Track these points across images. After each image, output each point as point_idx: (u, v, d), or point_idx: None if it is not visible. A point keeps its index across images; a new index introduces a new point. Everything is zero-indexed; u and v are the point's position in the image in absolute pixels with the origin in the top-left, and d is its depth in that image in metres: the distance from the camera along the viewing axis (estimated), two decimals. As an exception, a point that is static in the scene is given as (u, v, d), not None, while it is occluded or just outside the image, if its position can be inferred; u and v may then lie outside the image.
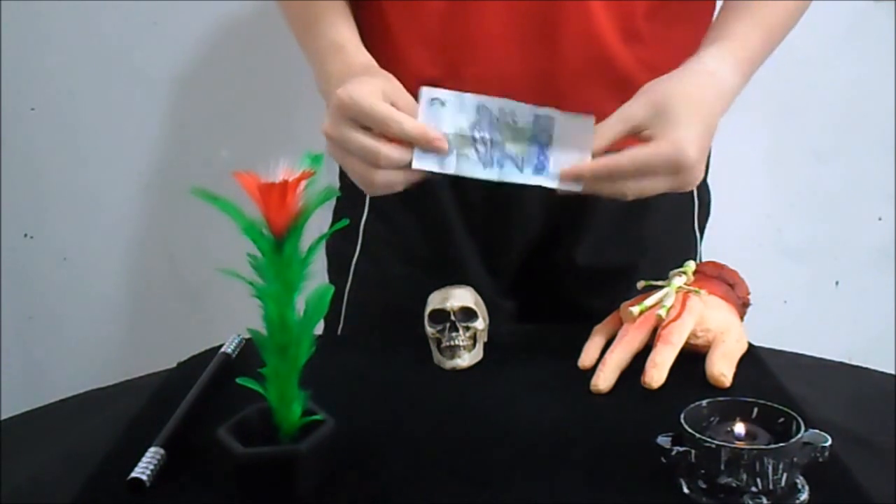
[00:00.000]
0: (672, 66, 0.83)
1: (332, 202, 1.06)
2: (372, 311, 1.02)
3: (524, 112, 0.77)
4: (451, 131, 0.77)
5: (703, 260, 1.07)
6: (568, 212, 0.98)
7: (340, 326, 1.04)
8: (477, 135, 0.77)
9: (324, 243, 1.03)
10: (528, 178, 0.78)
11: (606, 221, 0.99)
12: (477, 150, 0.77)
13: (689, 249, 1.05)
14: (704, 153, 0.77)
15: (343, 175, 1.04)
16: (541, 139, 0.77)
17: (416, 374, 0.82)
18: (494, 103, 0.77)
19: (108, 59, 1.44)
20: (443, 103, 0.76)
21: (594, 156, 0.77)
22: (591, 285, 1.00)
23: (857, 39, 1.45)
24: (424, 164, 0.77)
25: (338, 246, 1.04)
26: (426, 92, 0.77)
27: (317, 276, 0.61)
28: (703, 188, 1.06)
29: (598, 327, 0.85)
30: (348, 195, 1.04)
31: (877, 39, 1.45)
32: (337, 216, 1.03)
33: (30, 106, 1.46)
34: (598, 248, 1.00)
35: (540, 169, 0.77)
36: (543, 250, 1.02)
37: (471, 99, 0.77)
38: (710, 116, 0.78)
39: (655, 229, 1.00)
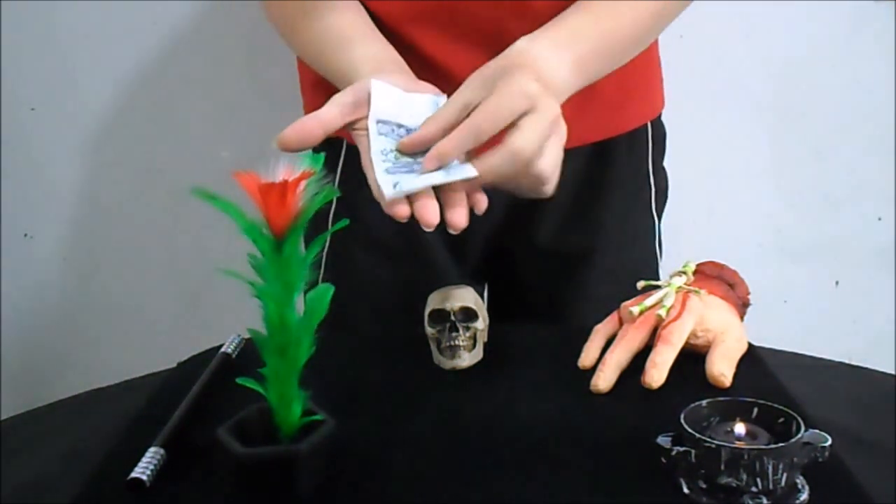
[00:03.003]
0: None
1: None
2: (342, 300, 1.03)
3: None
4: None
5: (663, 244, 1.10)
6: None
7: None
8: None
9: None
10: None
11: (564, 203, 1.00)
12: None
13: (646, 232, 1.07)
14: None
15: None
16: None
17: (416, 374, 0.82)
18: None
19: (108, 59, 1.44)
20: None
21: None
22: (552, 267, 1.03)
23: (857, 39, 1.45)
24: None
25: (307, 240, 1.06)
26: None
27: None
28: (660, 175, 1.08)
29: (598, 327, 0.85)
30: None
31: (877, 39, 1.45)
32: None
33: (30, 106, 1.46)
34: (557, 230, 1.02)
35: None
36: (506, 233, 1.03)
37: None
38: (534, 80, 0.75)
39: (612, 211, 1.02)
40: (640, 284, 0.86)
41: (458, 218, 0.71)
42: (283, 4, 0.94)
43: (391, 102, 0.76)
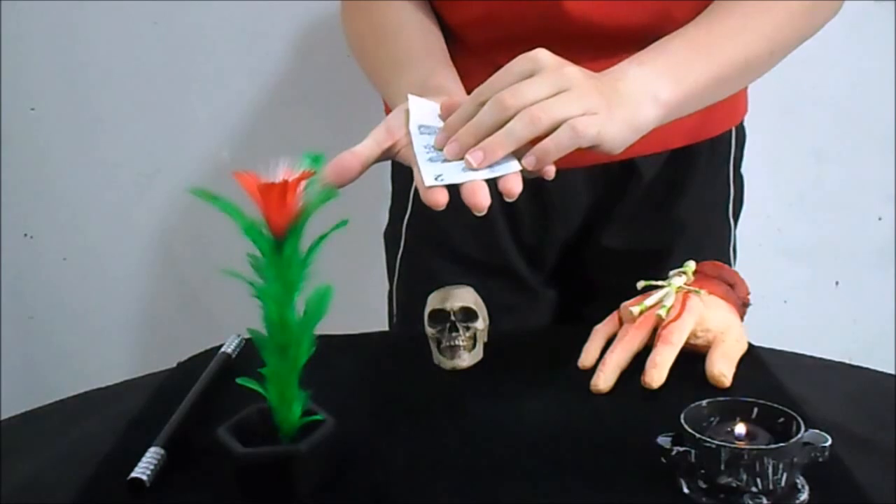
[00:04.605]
0: None
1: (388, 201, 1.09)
2: (418, 308, 1.03)
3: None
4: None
5: (737, 250, 1.09)
6: (606, 198, 0.99)
7: (394, 324, 1.08)
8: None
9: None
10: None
11: (644, 204, 1.00)
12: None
13: (723, 236, 1.06)
14: (567, 65, 0.71)
15: (394, 176, 1.06)
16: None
17: (416, 374, 0.82)
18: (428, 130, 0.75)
19: (108, 58, 1.44)
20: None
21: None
22: (628, 268, 1.01)
23: (857, 39, 1.45)
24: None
25: (387, 246, 1.08)
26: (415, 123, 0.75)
27: (317, 276, 0.61)
28: (738, 180, 1.07)
29: (598, 327, 0.84)
30: (396, 194, 1.08)
31: (877, 39, 1.45)
32: (390, 214, 1.07)
33: (30, 106, 1.46)
34: (635, 231, 1.01)
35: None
36: (584, 237, 1.03)
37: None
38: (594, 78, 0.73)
39: (690, 213, 1.01)
40: (640, 284, 0.86)
41: (512, 185, 0.67)
42: (358, 28, 0.95)
43: (429, 112, 0.77)
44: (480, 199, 0.66)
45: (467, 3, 0.90)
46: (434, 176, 0.69)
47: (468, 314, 0.83)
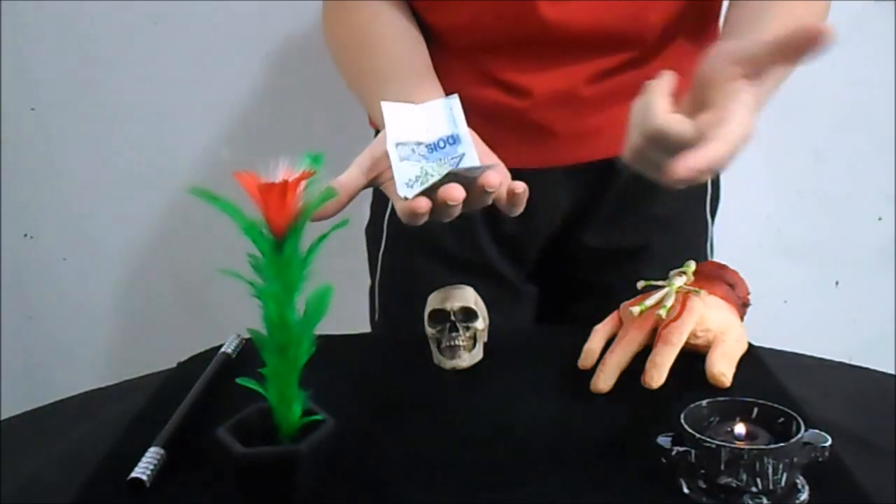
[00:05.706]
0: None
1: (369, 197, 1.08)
2: (400, 304, 1.03)
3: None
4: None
5: (714, 247, 1.09)
6: (586, 197, 1.00)
7: (376, 320, 1.08)
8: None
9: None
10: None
11: (620, 201, 1.00)
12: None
13: (701, 233, 1.07)
14: None
15: None
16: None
17: (416, 374, 0.82)
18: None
19: (108, 59, 1.44)
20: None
21: None
22: (608, 265, 1.02)
23: (857, 39, 1.45)
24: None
25: (368, 243, 1.09)
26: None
27: (317, 277, 0.61)
28: (716, 177, 1.07)
29: (598, 327, 0.84)
30: (377, 191, 1.07)
31: (877, 39, 1.45)
32: (371, 211, 1.07)
33: (30, 106, 1.46)
34: (613, 229, 1.01)
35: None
36: (564, 236, 1.03)
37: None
38: None
39: (669, 210, 1.02)
40: (641, 284, 0.86)
41: (492, 178, 0.70)
42: (339, 34, 0.95)
43: (405, 120, 0.77)
44: (455, 193, 0.69)
45: (450, 8, 0.91)
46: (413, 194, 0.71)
47: (468, 314, 0.83)
